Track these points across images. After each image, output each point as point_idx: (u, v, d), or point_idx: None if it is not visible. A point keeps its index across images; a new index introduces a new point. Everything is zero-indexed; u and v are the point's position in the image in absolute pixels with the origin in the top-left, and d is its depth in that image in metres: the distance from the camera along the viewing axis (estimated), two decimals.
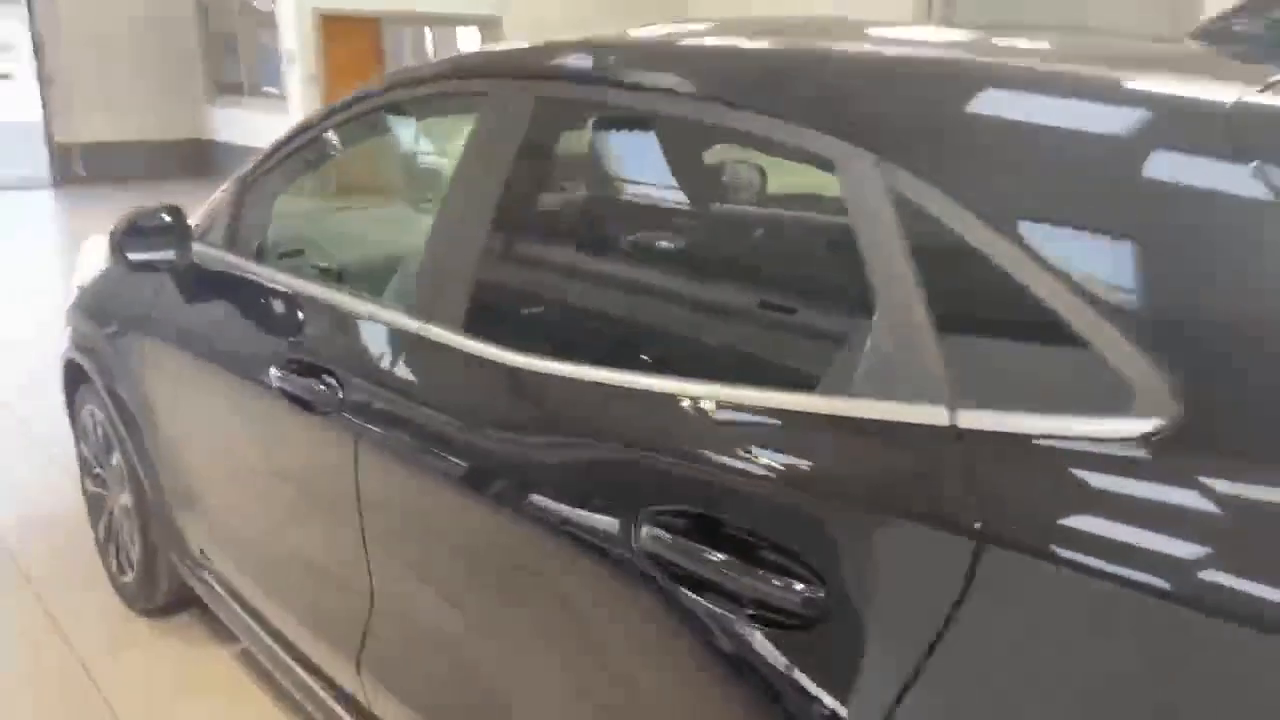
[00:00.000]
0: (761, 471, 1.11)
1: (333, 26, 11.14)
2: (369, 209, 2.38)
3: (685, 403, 1.22)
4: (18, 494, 3.68)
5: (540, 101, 1.57)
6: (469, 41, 12.80)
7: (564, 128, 1.75)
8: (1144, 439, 0.87)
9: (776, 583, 1.05)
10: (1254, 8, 1.39)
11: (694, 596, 1.12)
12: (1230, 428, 0.85)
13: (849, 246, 1.11)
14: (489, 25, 12.29)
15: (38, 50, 12.03)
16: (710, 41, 1.53)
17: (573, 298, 1.71)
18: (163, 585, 2.78)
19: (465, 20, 12.43)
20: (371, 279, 1.95)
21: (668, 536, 1.16)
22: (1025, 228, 0.97)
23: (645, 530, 1.18)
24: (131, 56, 12.40)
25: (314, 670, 2.03)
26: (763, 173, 1.90)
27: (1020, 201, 1.00)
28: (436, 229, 1.68)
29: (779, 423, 1.12)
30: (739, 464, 1.13)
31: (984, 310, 1.01)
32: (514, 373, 1.44)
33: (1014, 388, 0.96)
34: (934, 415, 0.99)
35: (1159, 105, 1.00)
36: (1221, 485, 0.83)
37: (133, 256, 2.24)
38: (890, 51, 1.35)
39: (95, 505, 3.05)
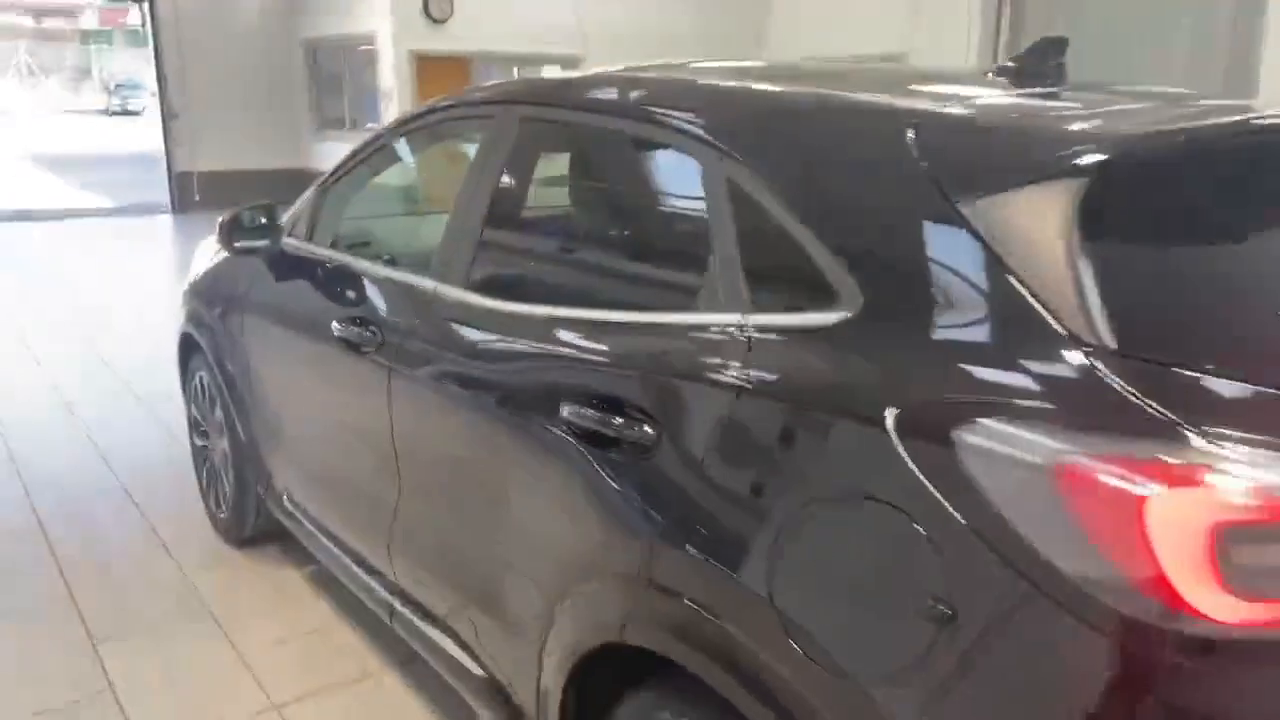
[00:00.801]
0: (633, 362, 1.65)
1: (426, 67, 12.03)
2: (412, 206, 2.98)
3: (593, 325, 1.77)
4: (137, 452, 4.41)
5: (508, 120, 2.16)
6: None
7: (537, 140, 2.32)
8: (839, 324, 1.38)
9: (634, 427, 1.59)
10: (1037, 51, 1.89)
11: (587, 444, 1.67)
12: (892, 316, 1.35)
13: (697, 213, 1.65)
14: (571, 64, 13.07)
15: (162, 89, 13.23)
16: (634, 76, 2.08)
17: (529, 261, 2.29)
18: (250, 519, 3.41)
19: (549, 60, 13.23)
20: (407, 257, 2.55)
21: (575, 410, 1.70)
22: (794, 196, 1.50)
23: (566, 408, 1.73)
24: (246, 94, 13.52)
25: (360, 560, 2.62)
26: (645, 163, 2.44)
27: (792, 177, 1.53)
28: (450, 218, 2.27)
29: (644, 331, 1.67)
30: (621, 358, 1.67)
31: (764, 253, 1.54)
32: (491, 313, 2.02)
33: (779, 300, 1.49)
34: (734, 319, 1.52)
35: (876, 113, 1.52)
36: (878, 348, 1.34)
37: (237, 244, 2.90)
38: (732, 81, 1.91)
39: (199, 456, 3.72)
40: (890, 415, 1.25)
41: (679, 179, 1.81)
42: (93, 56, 41.75)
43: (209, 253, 3.50)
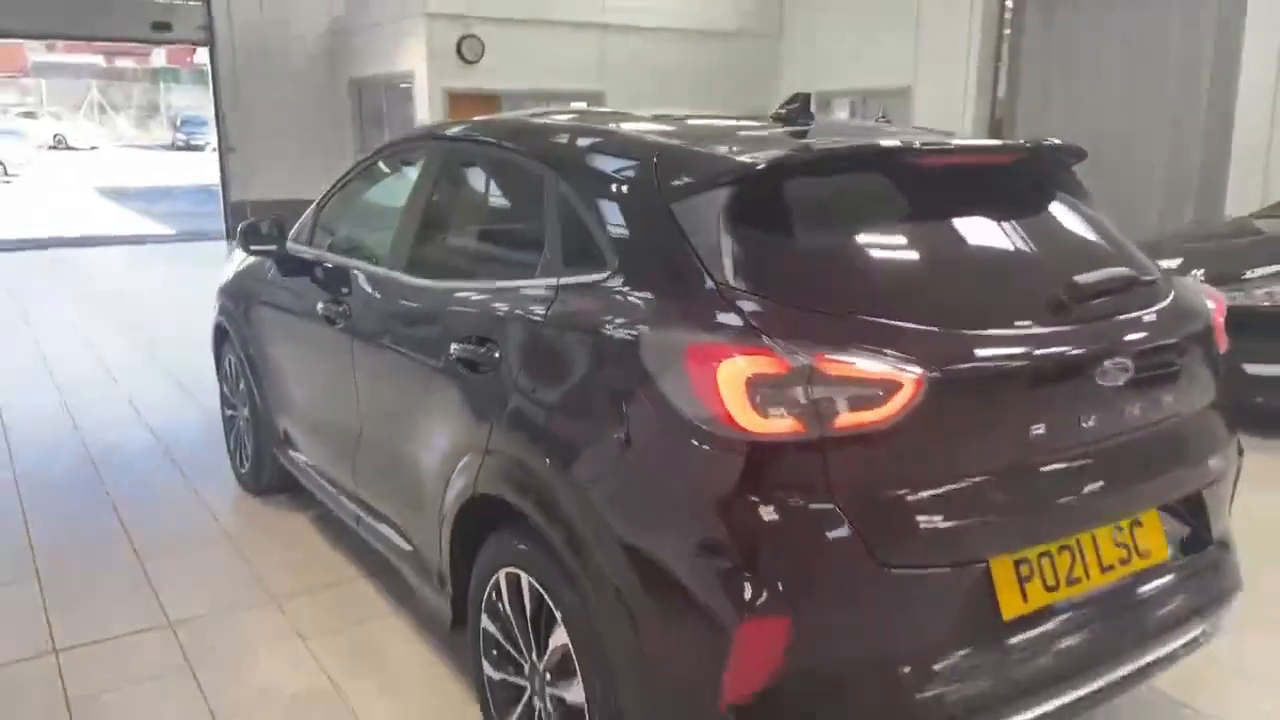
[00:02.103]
0: (491, 312, 2.44)
1: (459, 102, 13.01)
2: (379, 214, 3.79)
3: (466, 291, 2.58)
4: (178, 426, 5.29)
5: (436, 149, 2.99)
6: None
7: (447, 163, 3.11)
8: (602, 279, 2.15)
9: (488, 353, 2.37)
10: (794, 102, 2.66)
11: (464, 368, 2.45)
12: (630, 274, 2.12)
13: (538, 214, 2.44)
14: (594, 99, 13.98)
15: (220, 125, 14.40)
16: (503, 119, 2.89)
17: (437, 249, 3.05)
18: (265, 473, 4.24)
19: (571, 96, 14.13)
20: (370, 252, 3.35)
21: (460, 346, 2.49)
22: (587, 200, 2.28)
23: (453, 346, 2.51)
24: (297, 129, 14.61)
25: (334, 484, 3.43)
26: (507, 178, 3.07)
27: (585, 187, 2.31)
28: (398, 220, 3.08)
29: (502, 292, 2.45)
30: (487, 311, 2.47)
31: (570, 236, 2.32)
32: (414, 287, 2.83)
33: (576, 267, 2.26)
34: (552, 280, 2.30)
35: (642, 146, 2.30)
36: (620, 294, 2.10)
37: (252, 247, 3.74)
38: (560, 121, 2.70)
39: (228, 425, 4.58)
40: (616, 328, 2.02)
41: (526, 189, 2.58)
42: (160, 94, 43.88)
43: (236, 259, 4.36)
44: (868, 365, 1.80)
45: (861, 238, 2.09)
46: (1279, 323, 5.16)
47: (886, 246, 2.13)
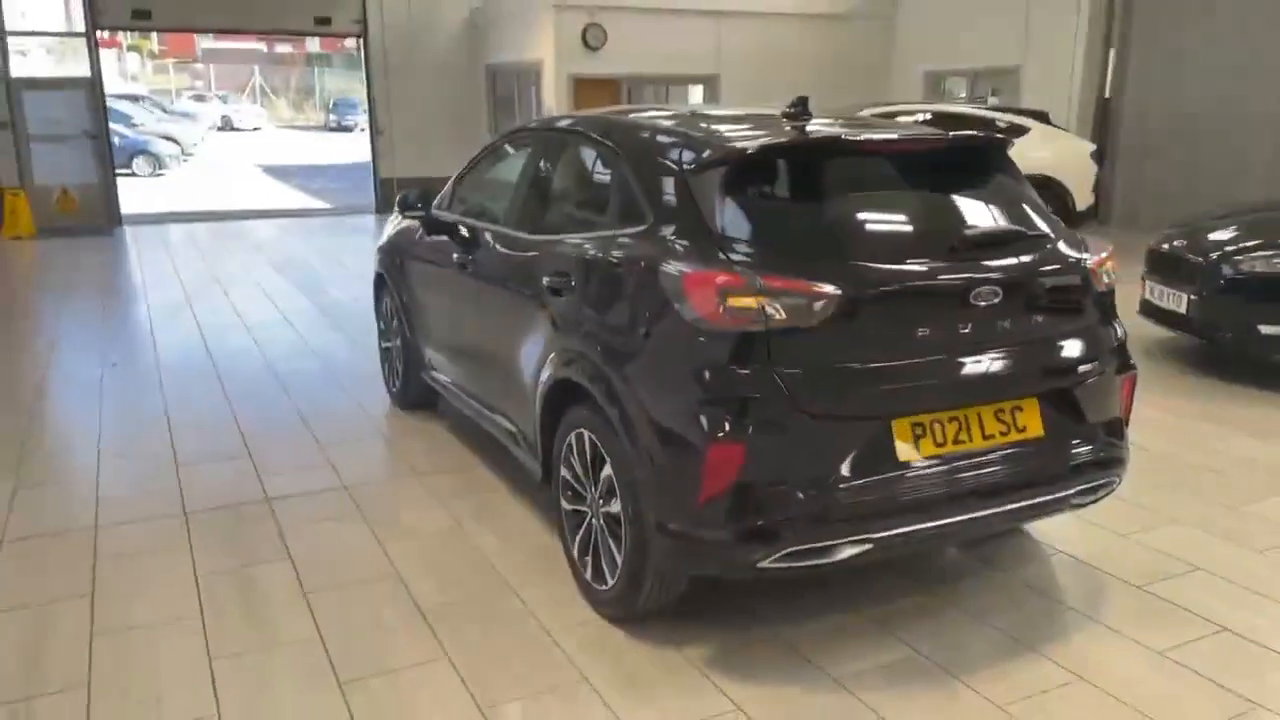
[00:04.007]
0: (566, 252, 3.50)
1: (583, 87, 14.14)
2: (498, 187, 4.88)
3: (555, 240, 3.64)
4: (342, 358, 6.58)
5: (539, 137, 4.06)
6: (695, 95, 15.47)
7: (549, 147, 4.17)
8: (643, 230, 3.17)
9: (568, 282, 3.42)
10: (796, 103, 3.60)
11: (551, 294, 3.51)
12: (659, 226, 3.13)
13: (606, 184, 3.48)
14: (709, 83, 14.90)
15: (372, 108, 15.97)
16: (584, 114, 3.92)
17: (537, 210, 4.08)
18: (412, 392, 5.44)
19: (689, 80, 15.11)
20: (494, 215, 4.43)
21: (549, 279, 3.55)
22: (638, 172, 3.30)
23: (544, 279, 3.58)
24: (436, 112, 16.05)
25: (462, 389, 4.57)
26: (587, 157, 4.05)
27: (637, 162, 3.32)
28: (513, 191, 4.17)
29: (581, 241, 3.49)
30: (568, 253, 3.52)
31: (624, 198, 3.34)
32: (520, 239, 3.91)
33: (628, 220, 3.28)
34: (612, 231, 3.33)
35: (672, 133, 3.30)
36: (652, 240, 3.11)
37: (407, 213, 4.91)
38: (629, 117, 3.72)
39: (383, 355, 5.81)
40: (650, 262, 3.04)
41: (600, 166, 3.62)
42: (315, 78, 46.89)
43: (393, 224, 5.56)
44: (800, 284, 2.76)
45: (814, 201, 3.07)
46: None
47: (830, 207, 3.09)
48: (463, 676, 2.97)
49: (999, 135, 3.37)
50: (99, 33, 14.34)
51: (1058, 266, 3.14)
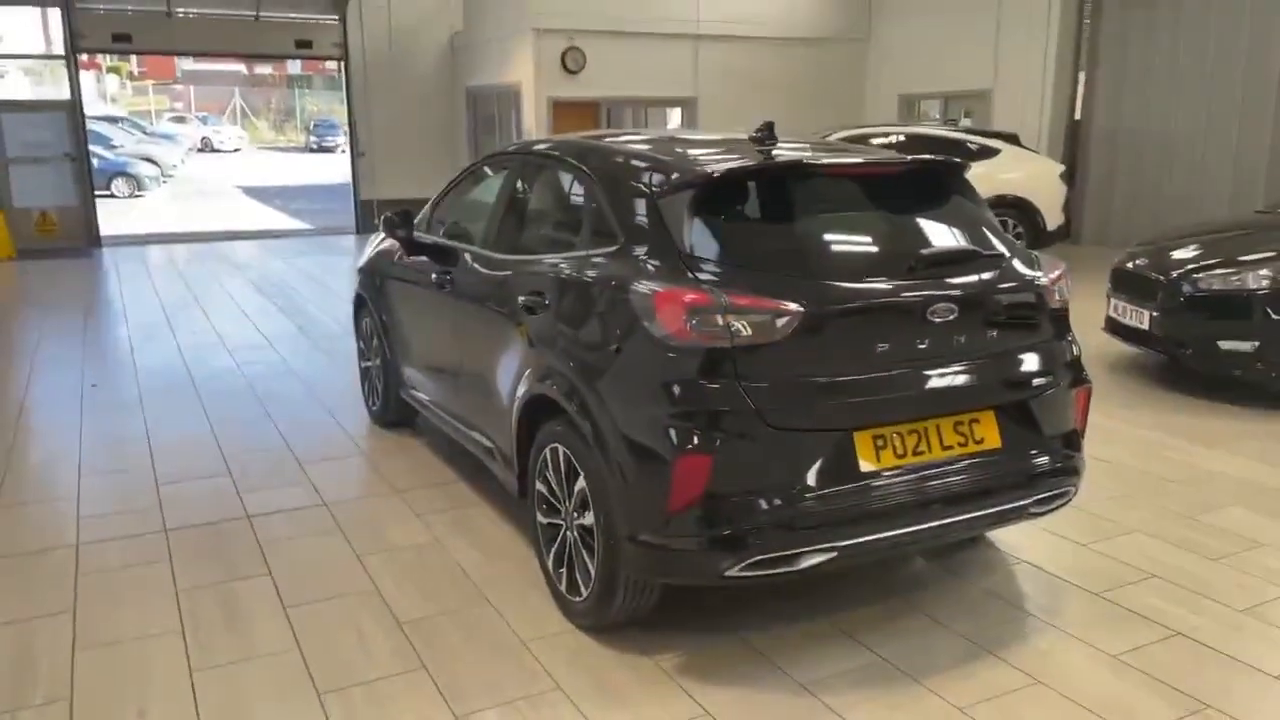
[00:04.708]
0: (541, 272, 3.60)
1: (561, 109, 14.29)
2: (475, 209, 4.99)
3: (530, 261, 3.75)
4: (323, 376, 6.65)
5: (516, 160, 4.17)
6: (673, 118, 15.64)
7: (522, 170, 4.29)
8: (613, 250, 3.28)
9: (542, 301, 3.52)
10: (762, 129, 3.73)
11: (526, 312, 3.61)
12: (630, 247, 3.24)
13: (579, 206, 3.59)
14: (687, 105, 15.09)
15: (352, 130, 16.07)
16: (558, 139, 4.04)
17: (511, 232, 4.19)
18: (391, 409, 5.51)
19: (667, 102, 15.29)
20: (470, 237, 4.54)
21: (524, 298, 3.65)
22: (608, 194, 3.41)
23: (519, 298, 3.68)
24: (417, 134, 16.18)
25: (441, 407, 4.65)
26: (559, 180, 4.20)
27: (606, 186, 3.43)
28: (488, 213, 4.28)
29: (554, 262, 3.60)
30: (542, 273, 3.62)
31: (596, 220, 3.45)
32: (495, 259, 4.01)
33: (599, 241, 3.39)
34: (584, 252, 3.43)
35: (640, 158, 3.42)
36: (623, 260, 3.22)
37: (391, 234, 5.00)
38: (602, 142, 3.84)
39: (363, 374, 5.89)
40: (622, 282, 3.14)
41: (573, 190, 3.73)
42: (296, 99, 46.97)
43: (372, 245, 5.65)
44: (764, 301, 2.88)
45: (778, 222, 3.19)
46: (1246, 305, 5.93)
47: (794, 227, 3.22)
48: (439, 686, 3.04)
49: (956, 159, 3.51)
50: (79, 56, 14.40)
51: (1013, 284, 3.26)
